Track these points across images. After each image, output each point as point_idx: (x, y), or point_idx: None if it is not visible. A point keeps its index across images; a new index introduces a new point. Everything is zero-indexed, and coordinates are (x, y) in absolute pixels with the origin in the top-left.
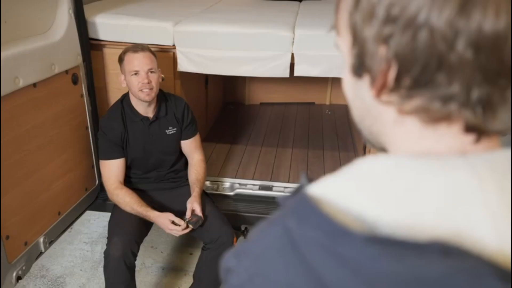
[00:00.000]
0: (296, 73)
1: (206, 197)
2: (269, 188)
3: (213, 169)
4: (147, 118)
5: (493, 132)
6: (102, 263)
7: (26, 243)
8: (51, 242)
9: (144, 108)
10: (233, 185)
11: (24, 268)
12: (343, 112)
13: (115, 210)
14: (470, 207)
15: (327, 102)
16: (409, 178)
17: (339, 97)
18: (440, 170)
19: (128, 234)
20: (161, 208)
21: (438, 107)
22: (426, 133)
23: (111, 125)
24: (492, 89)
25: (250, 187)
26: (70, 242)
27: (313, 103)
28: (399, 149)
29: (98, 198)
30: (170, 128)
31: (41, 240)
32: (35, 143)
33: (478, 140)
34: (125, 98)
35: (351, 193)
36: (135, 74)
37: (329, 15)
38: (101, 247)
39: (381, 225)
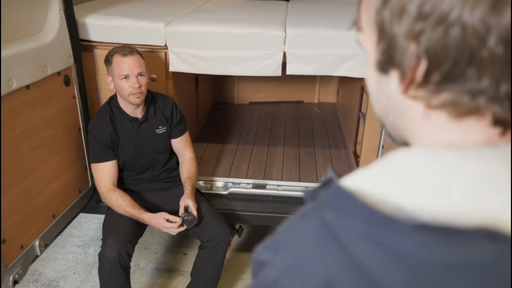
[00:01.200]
0: (288, 72)
1: (201, 196)
2: (263, 187)
3: (206, 168)
4: (136, 119)
5: None
6: (96, 266)
7: (22, 247)
8: (46, 245)
9: (132, 109)
10: (226, 184)
11: (20, 272)
12: (331, 110)
13: (109, 211)
14: (504, 196)
15: (316, 101)
16: (445, 169)
17: (327, 95)
18: (473, 161)
19: (123, 235)
20: (156, 209)
21: (467, 101)
22: (453, 127)
23: (101, 127)
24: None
25: (243, 185)
26: (62, 246)
27: (301, 102)
28: (424, 143)
29: (91, 200)
30: (160, 127)
31: (37, 243)
32: (29, 146)
33: (504, 132)
34: (113, 100)
35: (387, 185)
36: (125, 78)
37: (318, 14)
38: (94, 249)
39: (421, 214)
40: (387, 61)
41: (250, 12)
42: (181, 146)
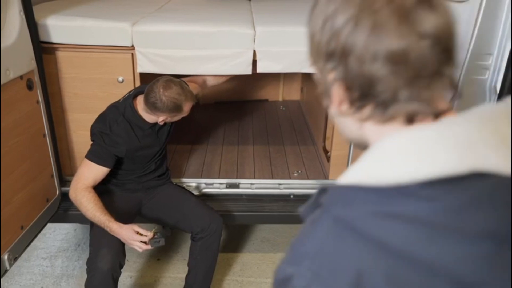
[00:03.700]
0: (258, 70)
1: (184, 188)
2: (236, 186)
3: (177, 171)
4: (155, 124)
5: (446, 111)
6: (65, 278)
7: None
8: (15, 259)
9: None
10: (199, 185)
11: None
12: (296, 107)
13: None
14: (483, 148)
15: (280, 99)
16: (422, 139)
17: (291, 93)
18: (444, 127)
19: (117, 245)
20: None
21: (380, 113)
22: (382, 130)
23: (116, 141)
24: (417, 88)
25: (217, 186)
26: (26, 259)
27: (266, 100)
28: (374, 143)
29: (59, 209)
30: (168, 125)
31: (6, 257)
32: None
33: (438, 117)
34: (126, 112)
35: (380, 168)
36: None
37: (284, 12)
38: (61, 261)
39: (420, 179)
40: (324, 90)
41: (215, 11)
42: (198, 84)
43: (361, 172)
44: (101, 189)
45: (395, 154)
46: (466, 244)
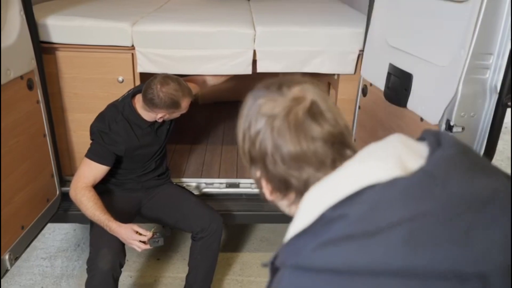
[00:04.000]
0: (259, 70)
1: (184, 188)
2: (236, 185)
3: (177, 170)
4: (153, 122)
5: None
6: (65, 278)
7: None
8: (16, 258)
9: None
10: (199, 185)
11: None
12: None
13: None
14: (408, 159)
15: None
16: (330, 182)
17: None
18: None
19: (117, 244)
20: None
21: (301, 196)
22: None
23: (115, 140)
24: (324, 170)
25: (217, 185)
26: (26, 260)
27: None
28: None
29: (59, 209)
30: (168, 124)
31: (7, 257)
32: None
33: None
34: (125, 110)
35: (307, 210)
36: None
37: (283, 12)
38: (61, 261)
39: (329, 205)
40: (256, 184)
41: (214, 11)
42: (197, 84)
43: (293, 227)
44: (101, 189)
45: (312, 198)
46: (382, 240)
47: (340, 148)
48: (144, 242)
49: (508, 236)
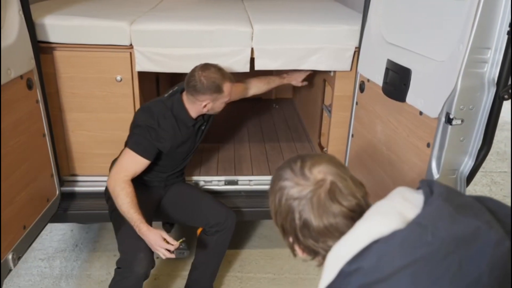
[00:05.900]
0: (256, 67)
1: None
2: (235, 183)
3: None
4: (197, 121)
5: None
6: (64, 278)
7: None
8: (19, 258)
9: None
10: (198, 183)
11: None
12: (289, 105)
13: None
14: (406, 211)
15: (273, 97)
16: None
17: (283, 91)
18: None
19: (150, 250)
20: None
21: (323, 257)
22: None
23: (162, 137)
24: (340, 235)
25: (215, 183)
26: (24, 261)
27: (260, 99)
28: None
29: (59, 209)
30: (204, 124)
31: (10, 257)
32: None
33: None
34: (174, 107)
35: (331, 266)
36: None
37: (278, 10)
38: (59, 262)
39: (346, 260)
40: (289, 246)
41: (210, 10)
42: (239, 91)
43: (321, 283)
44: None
45: (332, 257)
46: (393, 283)
47: (356, 217)
48: (169, 251)
49: (493, 263)
